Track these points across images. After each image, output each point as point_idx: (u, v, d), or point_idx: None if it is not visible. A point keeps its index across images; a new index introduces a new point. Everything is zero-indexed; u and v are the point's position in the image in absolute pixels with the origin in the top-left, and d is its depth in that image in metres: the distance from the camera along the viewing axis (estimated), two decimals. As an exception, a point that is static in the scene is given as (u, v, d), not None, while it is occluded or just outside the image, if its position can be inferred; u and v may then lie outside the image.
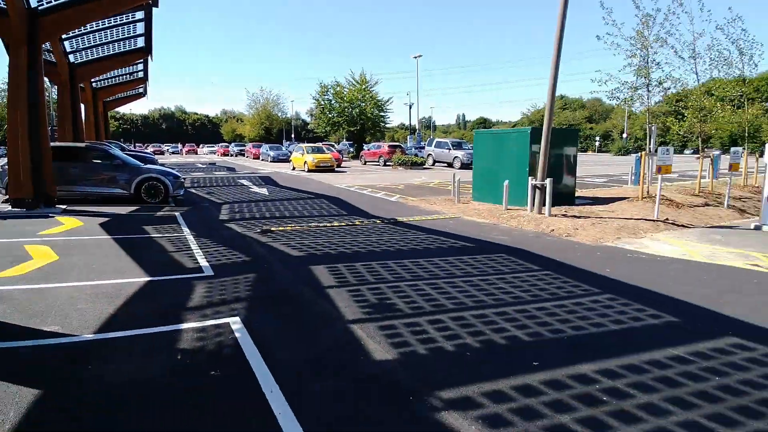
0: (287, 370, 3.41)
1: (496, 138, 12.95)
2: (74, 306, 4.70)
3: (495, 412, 2.87)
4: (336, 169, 27.39)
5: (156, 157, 29.95)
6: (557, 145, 12.07)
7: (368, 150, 35.52)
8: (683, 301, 5.00)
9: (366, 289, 5.36)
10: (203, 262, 6.56)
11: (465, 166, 27.14)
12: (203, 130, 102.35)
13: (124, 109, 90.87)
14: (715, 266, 6.53)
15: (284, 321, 4.45)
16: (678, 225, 9.59)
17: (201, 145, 73.96)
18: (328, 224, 9.84)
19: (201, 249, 7.37)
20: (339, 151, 36.52)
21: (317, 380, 3.30)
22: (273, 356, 3.63)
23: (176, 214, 11.06)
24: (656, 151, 10.41)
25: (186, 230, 8.99)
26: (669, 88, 11.82)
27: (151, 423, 2.79)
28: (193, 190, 16.55)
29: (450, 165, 29.39)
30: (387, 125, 47.25)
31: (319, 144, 36.32)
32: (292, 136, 72.46)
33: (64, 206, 11.44)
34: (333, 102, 41.56)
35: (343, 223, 9.96)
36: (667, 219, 9.88)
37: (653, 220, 9.67)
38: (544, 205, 10.33)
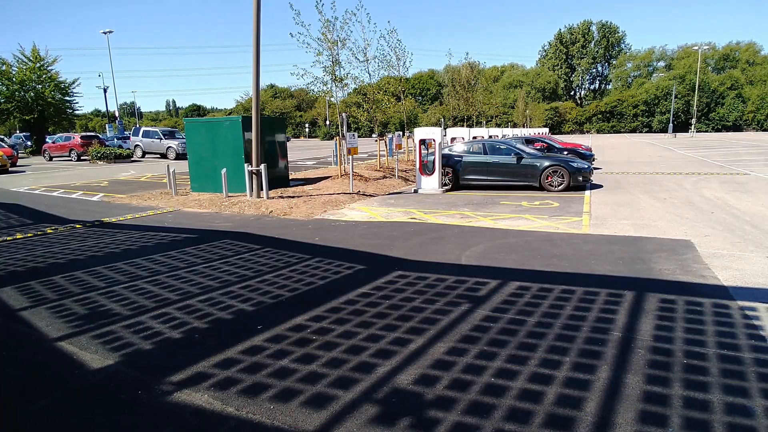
0: (-28, 412, 2.88)
1: (209, 127, 12.80)
2: None
3: (225, 376, 3.24)
4: (10, 169, 21.32)
5: None
6: (269, 132, 12.90)
7: (54, 143, 28.76)
8: (368, 252, 6.47)
9: (72, 302, 4.77)
10: None
11: (180, 156, 25.49)
12: None
13: None
14: (388, 223, 8.57)
15: (-46, 362, 3.59)
16: (367, 195, 11.92)
17: None
18: (9, 238, 7.88)
19: None
20: (12, 147, 28.37)
21: (24, 404, 2.92)
22: (-55, 404, 2.97)
23: None
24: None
25: None
26: (349, 84, 14.24)
27: None
28: None
29: (164, 156, 27.00)
30: (76, 112, 38.90)
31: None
32: None
33: None
34: (-2, 84, 31.38)
35: (29, 234, 8.15)
36: (359, 191, 12.12)
37: (350, 193, 11.70)
38: (263, 189, 11.02)
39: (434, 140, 12.26)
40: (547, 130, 51.24)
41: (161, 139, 27.58)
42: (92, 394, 3.08)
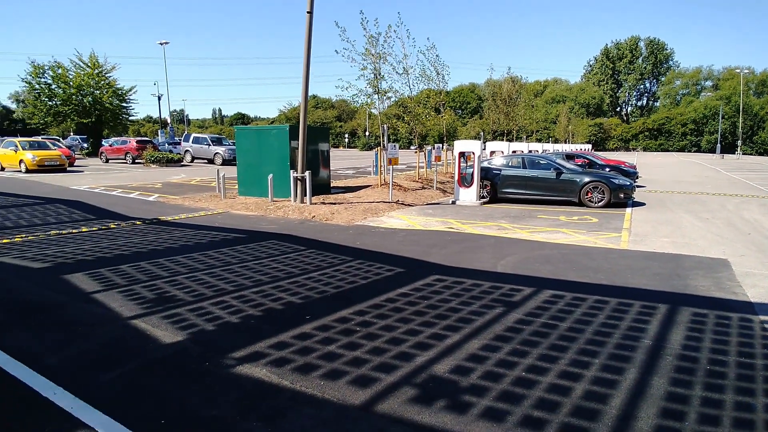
0: (67, 372, 3.36)
1: (257, 134, 13.54)
2: None
3: (280, 356, 3.61)
4: (68, 169, 23.00)
5: None
6: (313, 141, 13.49)
7: (110, 146, 30.74)
8: (407, 257, 6.77)
9: (141, 287, 5.31)
10: None
11: (227, 162, 26.68)
12: None
13: None
14: (426, 231, 8.85)
15: (46, 331, 4.14)
16: (405, 204, 12.26)
17: None
18: (75, 231, 8.68)
19: None
20: (69, 147, 30.48)
21: (107, 371, 3.39)
22: (44, 364, 3.47)
23: None
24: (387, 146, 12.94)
25: None
26: (391, 97, 14.72)
27: None
28: None
29: (211, 161, 28.33)
30: (131, 118, 41.35)
31: (39, 138, 29.59)
32: (-11, 127, 56.01)
33: None
34: (54, 87, 33.85)
35: (94, 228, 8.94)
36: (398, 200, 12.47)
37: (389, 202, 12.07)
38: (306, 195, 11.55)
39: (473, 153, 12.48)
40: (590, 146, 50.17)
41: (209, 145, 28.98)
42: (166, 364, 3.51)
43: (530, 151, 23.33)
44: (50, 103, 34.21)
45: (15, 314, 4.53)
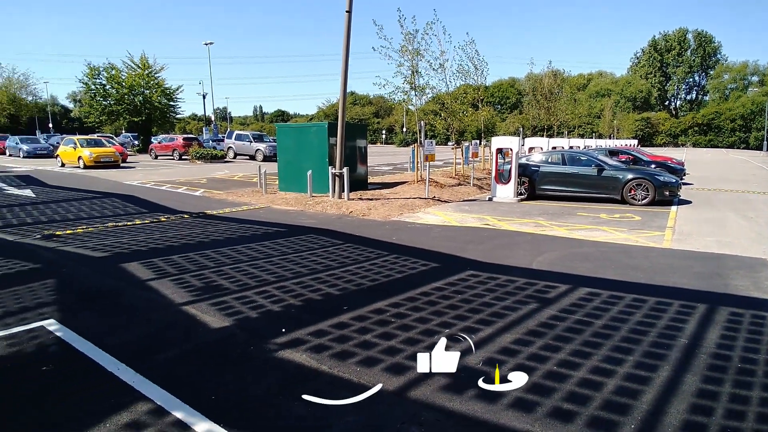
0: (128, 350, 3.69)
1: (297, 131, 13.92)
2: None
3: (319, 343, 3.81)
4: (122, 164, 24.37)
5: None
6: (351, 138, 13.73)
7: (159, 143, 32.30)
8: (442, 252, 6.86)
9: (190, 276, 5.67)
10: (-25, 275, 5.72)
11: (268, 158, 27.46)
12: None
13: None
14: (462, 227, 8.89)
15: (108, 314, 4.52)
16: (442, 201, 12.30)
17: None
18: (129, 223, 9.28)
19: (-35, 262, 6.29)
20: (122, 144, 32.22)
21: (162, 352, 3.70)
22: (107, 343, 3.81)
23: None
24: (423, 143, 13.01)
25: (-73, 244, 7.35)
26: (428, 93, 14.76)
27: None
28: None
29: (252, 158, 29.25)
30: (178, 116, 43.23)
31: (95, 136, 31.42)
32: (50, 125, 59.89)
33: None
34: (108, 87, 35.89)
35: (146, 221, 9.52)
36: (434, 197, 12.52)
37: (425, 198, 12.15)
38: (344, 190, 11.81)
39: (511, 149, 12.36)
40: (635, 141, 48.18)
41: (251, 142, 29.92)
42: (214, 347, 3.79)
43: (571, 147, 22.75)
44: (104, 102, 36.28)
45: (81, 299, 4.97)
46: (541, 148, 21.77)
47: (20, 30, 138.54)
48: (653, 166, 15.82)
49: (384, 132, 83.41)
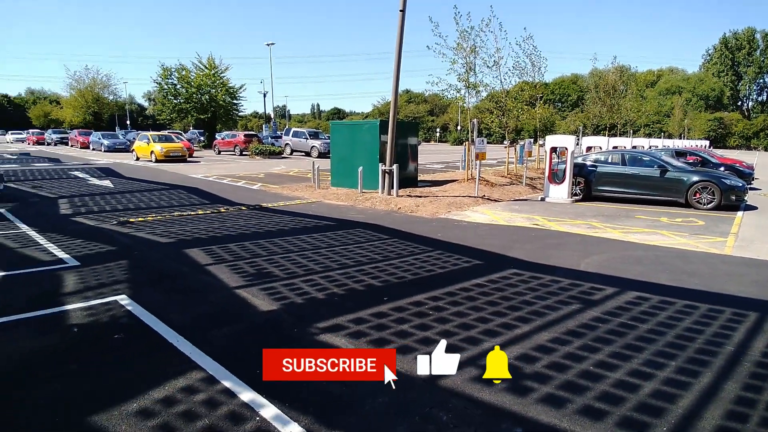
0: (187, 326, 4.06)
1: (350, 129, 14.28)
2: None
3: (358, 329, 4.00)
4: (188, 159, 26.02)
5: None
6: (402, 135, 13.88)
7: (222, 139, 34.16)
8: (486, 250, 6.85)
9: (244, 263, 6.07)
10: (62, 254, 6.42)
11: (322, 154, 28.21)
12: (1, 114, 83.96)
13: None
14: (510, 227, 8.78)
15: (171, 293, 4.97)
16: (491, 200, 12.16)
17: (0, 132, 60.91)
18: (192, 213, 9.98)
19: (53, 243, 7.07)
20: (189, 140, 34.33)
21: (216, 328, 4.04)
22: (169, 318, 4.21)
23: (1, 210, 9.90)
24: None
25: (23, 226, 8.31)
26: (481, 91, 14.60)
27: (91, 374, 3.26)
28: (12, 185, 14.46)
29: (308, 154, 30.15)
30: (240, 113, 45.41)
31: (166, 132, 33.67)
32: (128, 122, 64.76)
33: None
34: (179, 87, 38.43)
35: (208, 211, 10.20)
36: (484, 195, 12.40)
37: (474, 197, 12.06)
38: (393, 187, 11.99)
39: (566, 148, 11.99)
40: (707, 143, 44.70)
41: (307, 138, 30.88)
42: (263, 327, 4.09)
43: (633, 147, 21.58)
44: (175, 101, 38.79)
45: (149, 278, 5.48)
46: (600, 148, 20.83)
47: (104, 33, 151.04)
48: (722, 168, 14.74)
49: (438, 130, 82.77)
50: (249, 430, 2.65)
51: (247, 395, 2.96)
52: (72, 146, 40.56)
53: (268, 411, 2.81)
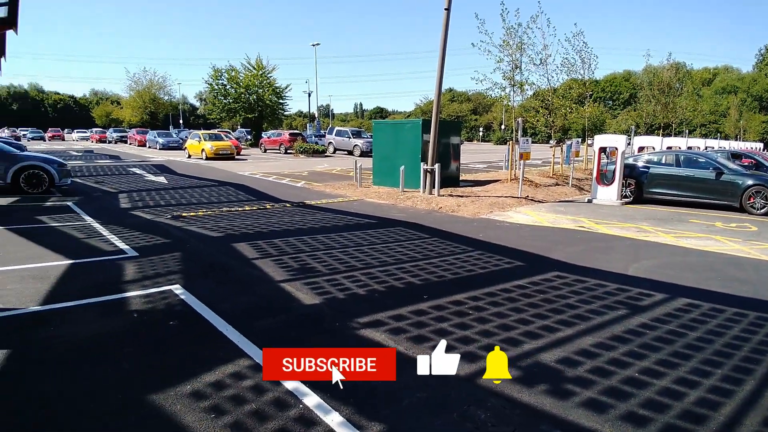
0: (235, 315, 4.27)
1: (392, 128, 14.37)
2: (4, 287, 4.96)
3: (397, 326, 4.07)
4: (236, 157, 27.01)
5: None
6: (444, 135, 13.83)
7: (268, 138, 35.20)
8: (529, 252, 6.75)
9: (288, 258, 6.29)
10: (122, 245, 6.88)
11: (364, 153, 28.49)
12: (68, 114, 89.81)
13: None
14: (554, 228, 8.58)
15: (221, 283, 5.23)
16: (535, 200, 11.91)
17: (67, 130, 65.46)
18: (240, 209, 10.39)
19: (114, 235, 7.58)
20: (237, 139, 35.61)
21: (262, 319, 4.23)
22: (219, 308, 4.44)
23: (69, 203, 10.67)
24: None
25: (88, 219, 8.93)
26: (527, 90, 14.29)
27: (142, 359, 3.52)
28: (78, 180, 15.54)
29: (350, 153, 30.56)
30: (286, 113, 46.59)
31: (216, 131, 35.04)
32: (180, 121, 67.90)
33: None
34: (228, 87, 39.96)
35: (254, 207, 10.59)
36: (527, 196, 12.16)
37: (517, 197, 11.85)
38: (434, 186, 11.98)
39: (616, 148, 11.55)
40: (761, 145, 41.61)
41: (350, 137, 31.31)
42: (305, 319, 4.24)
43: (689, 148, 20.45)
44: (224, 101, 40.31)
45: (200, 270, 5.78)
46: (653, 148, 19.90)
47: (159, 37, 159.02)
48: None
49: (481, 129, 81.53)
50: (292, 416, 2.78)
51: (291, 384, 3.09)
52: (130, 144, 43.11)
53: (311, 399, 2.93)
